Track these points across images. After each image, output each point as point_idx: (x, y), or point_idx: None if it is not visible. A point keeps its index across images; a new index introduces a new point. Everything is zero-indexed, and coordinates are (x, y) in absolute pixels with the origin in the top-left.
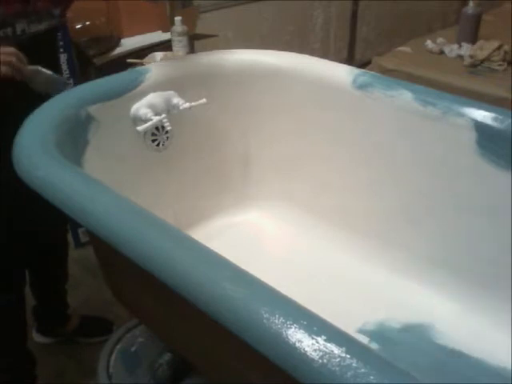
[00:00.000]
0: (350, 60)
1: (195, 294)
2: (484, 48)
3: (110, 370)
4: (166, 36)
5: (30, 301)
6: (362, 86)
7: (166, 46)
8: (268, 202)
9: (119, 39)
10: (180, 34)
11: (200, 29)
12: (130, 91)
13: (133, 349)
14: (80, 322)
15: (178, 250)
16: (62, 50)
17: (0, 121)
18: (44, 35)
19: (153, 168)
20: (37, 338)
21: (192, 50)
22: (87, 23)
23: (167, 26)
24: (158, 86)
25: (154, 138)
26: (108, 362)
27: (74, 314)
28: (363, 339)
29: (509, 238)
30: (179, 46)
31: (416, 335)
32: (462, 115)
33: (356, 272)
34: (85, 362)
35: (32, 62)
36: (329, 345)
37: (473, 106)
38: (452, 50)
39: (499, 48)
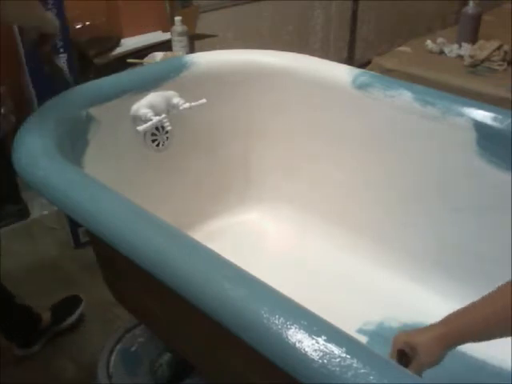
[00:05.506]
0: (349, 60)
1: (195, 294)
2: (484, 48)
3: (110, 369)
4: (166, 36)
5: None
6: (361, 86)
7: (166, 45)
8: (268, 202)
9: (119, 39)
10: (180, 34)
11: (200, 29)
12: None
13: (133, 349)
14: (51, 313)
15: (178, 250)
16: (62, 50)
17: None
18: None
19: (153, 168)
20: (21, 352)
21: (192, 49)
22: (87, 23)
23: (167, 26)
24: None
25: (154, 138)
26: (108, 362)
27: (42, 310)
28: (363, 339)
29: (509, 238)
30: (179, 45)
31: None
32: (462, 115)
33: (356, 272)
34: (84, 363)
35: None
36: (329, 345)
37: (473, 106)
38: (452, 49)
39: (499, 48)
